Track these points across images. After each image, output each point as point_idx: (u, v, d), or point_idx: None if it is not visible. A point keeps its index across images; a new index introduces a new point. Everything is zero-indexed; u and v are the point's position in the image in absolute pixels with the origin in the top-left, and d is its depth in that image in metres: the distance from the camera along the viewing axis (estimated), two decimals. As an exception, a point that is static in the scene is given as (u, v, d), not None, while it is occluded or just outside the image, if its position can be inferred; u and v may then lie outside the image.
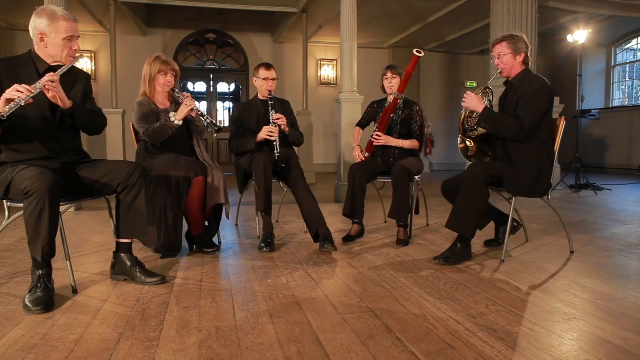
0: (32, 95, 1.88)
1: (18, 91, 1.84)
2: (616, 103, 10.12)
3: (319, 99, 9.49)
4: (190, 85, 9.74)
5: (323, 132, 9.55)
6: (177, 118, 2.70)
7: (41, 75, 2.05)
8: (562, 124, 2.74)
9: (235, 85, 9.92)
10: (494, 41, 2.75)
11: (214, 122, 2.79)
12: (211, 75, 9.60)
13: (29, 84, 1.95)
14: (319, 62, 9.77)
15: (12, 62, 2.10)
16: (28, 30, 2.11)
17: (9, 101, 1.83)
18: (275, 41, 9.36)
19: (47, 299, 1.88)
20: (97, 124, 2.24)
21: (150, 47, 8.84)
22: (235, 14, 8.31)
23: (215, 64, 9.63)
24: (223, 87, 9.89)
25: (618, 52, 10.06)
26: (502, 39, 2.69)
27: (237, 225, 3.77)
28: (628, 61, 9.89)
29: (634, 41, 9.73)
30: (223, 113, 10.38)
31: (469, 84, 10.50)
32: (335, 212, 4.41)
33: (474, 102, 2.70)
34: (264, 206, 2.94)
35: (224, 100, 10.23)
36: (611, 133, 9.52)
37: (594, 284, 2.19)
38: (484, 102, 2.76)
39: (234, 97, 10.23)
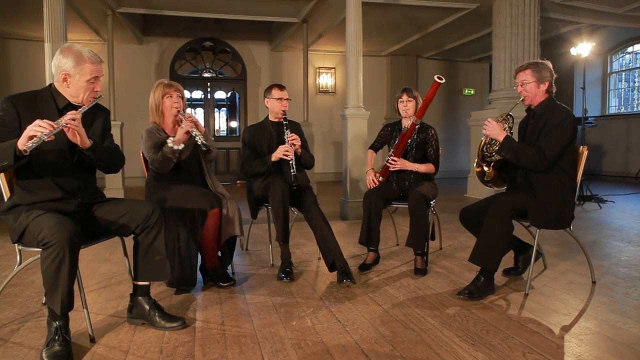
0: (54, 131, 1.80)
1: (40, 126, 1.77)
2: (612, 110, 10.20)
3: (317, 107, 9.43)
4: (187, 93, 9.61)
5: (322, 140, 9.48)
6: (175, 143, 2.60)
7: (60, 111, 2.00)
8: (584, 154, 2.70)
9: (232, 92, 9.81)
10: (517, 67, 2.69)
11: (204, 142, 2.64)
12: (208, 84, 9.49)
13: (47, 119, 1.87)
14: (317, 70, 9.69)
15: (31, 97, 2.01)
16: (22, 39, 2.03)
17: (31, 137, 1.76)
18: (273, 49, 9.27)
19: (65, 353, 1.79)
20: (115, 163, 2.17)
21: (146, 55, 8.72)
22: (233, 22, 8.19)
23: (212, 71, 9.52)
24: (220, 94, 9.79)
25: (614, 60, 10.13)
26: (527, 66, 2.63)
27: (247, 249, 3.68)
28: (624, 69, 9.96)
29: (630, 49, 9.81)
30: (219, 120, 10.28)
31: (466, 91, 10.51)
32: (343, 232, 4.34)
33: (495, 130, 2.65)
34: (282, 236, 2.89)
35: (220, 107, 10.12)
36: (607, 140, 9.58)
37: (626, 325, 2.15)
38: (505, 129, 2.71)
39: (230, 103, 10.13)
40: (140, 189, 7.82)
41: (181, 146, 2.63)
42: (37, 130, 1.76)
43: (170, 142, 2.61)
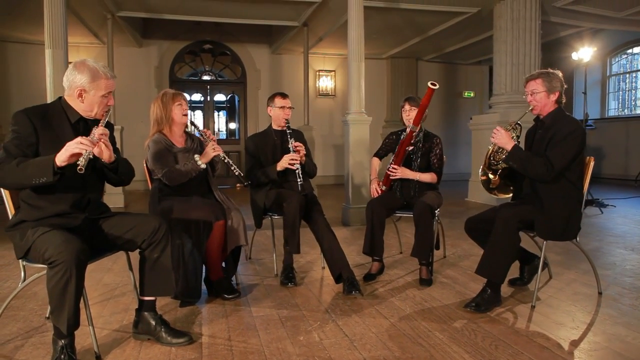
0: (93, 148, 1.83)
1: (82, 144, 1.78)
2: (612, 113, 10.21)
3: (317, 110, 9.41)
4: (186, 96, 9.57)
5: (322, 143, 9.47)
6: (203, 161, 2.60)
7: (73, 126, 2.00)
8: (591, 164, 2.69)
9: (231, 95, 9.78)
10: (528, 76, 2.67)
11: (242, 173, 2.69)
12: (208, 86, 9.46)
13: (62, 134, 1.92)
14: (317, 73, 9.67)
15: (44, 111, 1.99)
16: (21, 42, 2.02)
17: (74, 155, 1.77)
18: (273, 52, 9.25)
19: (72, 372, 1.77)
20: (130, 176, 2.20)
21: (146, 58, 8.69)
22: (233, 25, 8.17)
23: (211, 74, 9.49)
24: (220, 96, 9.77)
25: (613, 62, 10.14)
26: (538, 75, 2.61)
27: (249, 258, 3.67)
28: (623, 71, 9.97)
29: (629, 51, 9.82)
30: (218, 122, 10.26)
31: (466, 94, 10.51)
32: (346, 239, 4.33)
33: (503, 139, 2.63)
34: (296, 248, 2.91)
35: (219, 110, 10.10)
36: (607, 143, 9.59)
37: (635, 339, 2.14)
38: (513, 137, 2.70)
39: (229, 106, 10.11)
40: (139, 193, 7.80)
41: (205, 165, 2.64)
42: (82, 147, 1.77)
43: (198, 159, 2.62)
